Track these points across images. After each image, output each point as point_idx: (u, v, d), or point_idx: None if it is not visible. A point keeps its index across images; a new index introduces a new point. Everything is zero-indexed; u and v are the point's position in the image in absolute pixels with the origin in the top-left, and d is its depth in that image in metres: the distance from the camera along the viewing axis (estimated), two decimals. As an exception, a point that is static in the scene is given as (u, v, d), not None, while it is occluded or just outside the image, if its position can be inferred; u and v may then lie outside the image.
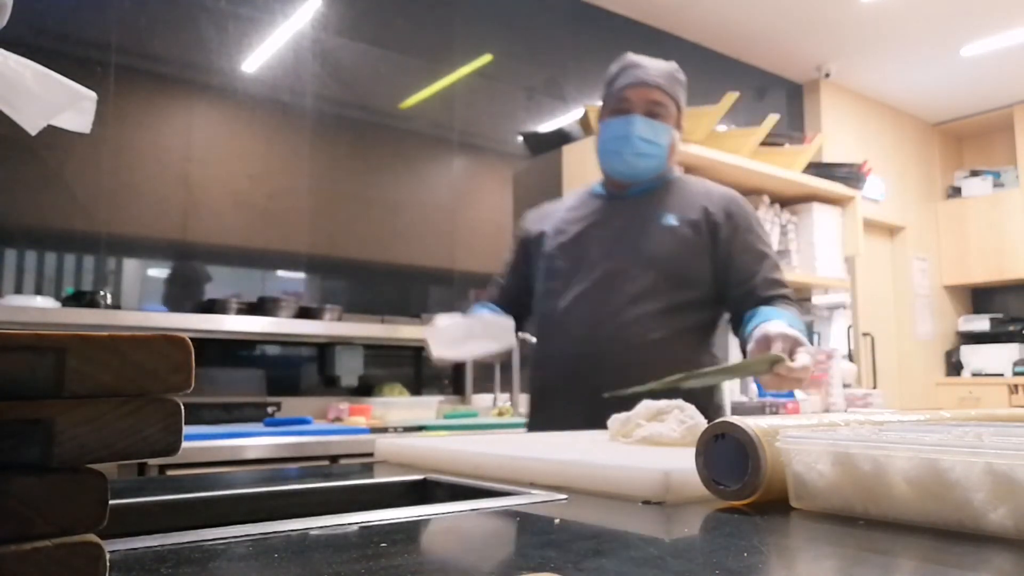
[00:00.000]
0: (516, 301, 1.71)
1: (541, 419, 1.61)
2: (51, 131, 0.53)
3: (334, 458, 2.09)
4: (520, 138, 3.70)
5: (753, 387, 3.30)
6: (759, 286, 1.56)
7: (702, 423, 0.95)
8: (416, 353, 3.17)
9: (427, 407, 2.87)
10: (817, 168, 3.99)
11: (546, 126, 3.81)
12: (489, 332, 1.52)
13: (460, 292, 3.34)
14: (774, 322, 1.37)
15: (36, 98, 0.50)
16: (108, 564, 0.29)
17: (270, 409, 2.52)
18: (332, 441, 2.12)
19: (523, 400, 2.90)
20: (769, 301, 1.53)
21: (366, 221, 3.13)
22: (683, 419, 0.92)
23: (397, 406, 2.77)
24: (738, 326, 1.54)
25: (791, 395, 2.73)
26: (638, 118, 1.60)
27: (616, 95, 1.64)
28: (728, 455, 0.58)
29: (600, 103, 1.71)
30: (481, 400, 3.15)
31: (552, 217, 1.72)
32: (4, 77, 0.49)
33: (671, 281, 1.56)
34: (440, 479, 0.77)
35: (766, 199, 3.82)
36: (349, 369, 2.81)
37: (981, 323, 6.00)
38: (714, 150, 3.37)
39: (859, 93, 5.53)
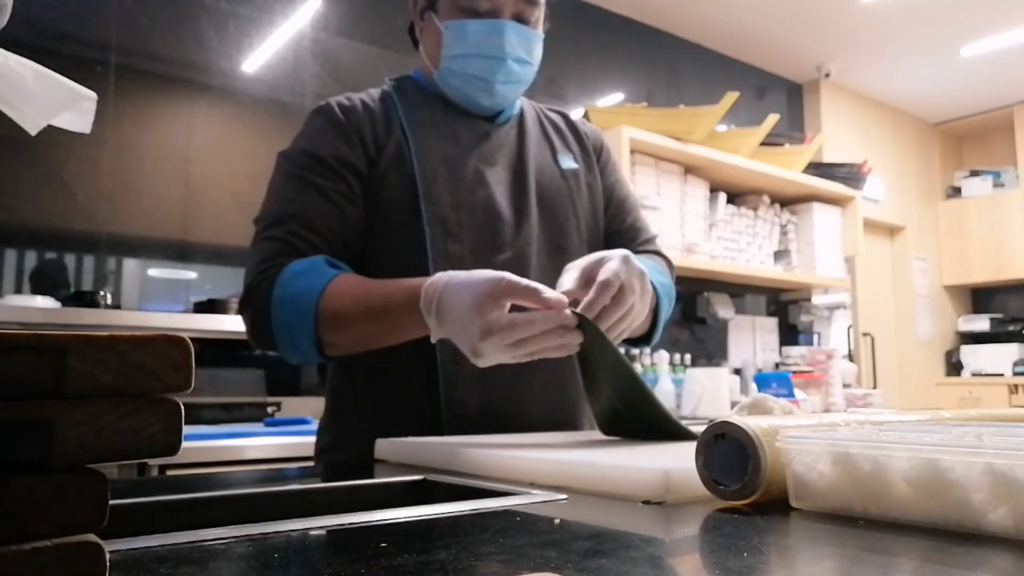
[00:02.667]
0: (346, 252, 1.09)
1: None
2: (51, 131, 0.53)
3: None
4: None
5: (753, 387, 3.30)
6: (635, 241, 1.26)
7: None
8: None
9: (427, 407, 2.86)
10: (817, 168, 3.99)
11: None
12: None
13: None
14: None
15: (36, 98, 0.50)
16: (108, 564, 0.29)
17: (270, 409, 2.52)
18: (332, 441, 2.11)
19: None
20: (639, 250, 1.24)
21: (366, 221, 3.13)
22: None
23: (397, 406, 2.77)
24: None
25: (791, 395, 2.73)
26: (509, 26, 1.11)
27: None
28: (728, 455, 0.58)
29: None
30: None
31: (394, 135, 1.12)
32: (4, 77, 0.49)
33: (589, 248, 1.18)
34: (440, 479, 0.77)
35: (766, 199, 3.82)
36: (349, 369, 2.81)
37: (981, 323, 6.00)
38: (714, 150, 3.37)
39: (859, 93, 5.53)
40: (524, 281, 0.84)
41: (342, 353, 1.03)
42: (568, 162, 1.23)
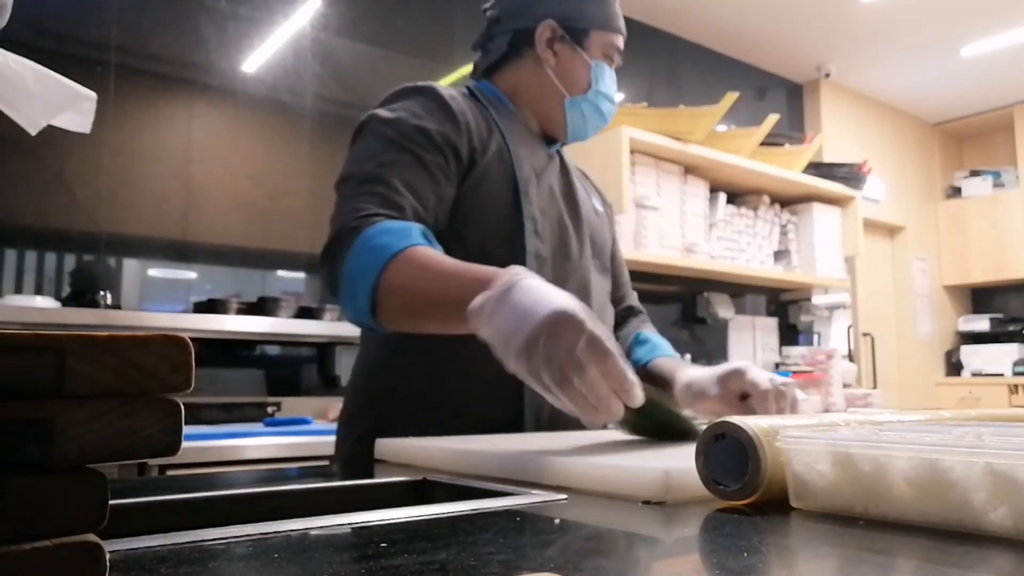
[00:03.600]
0: (436, 227, 1.08)
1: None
2: (51, 131, 0.53)
3: (334, 458, 2.09)
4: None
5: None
6: (628, 296, 1.43)
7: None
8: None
9: (427, 407, 2.86)
10: (817, 168, 3.99)
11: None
12: None
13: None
14: (752, 371, 1.09)
15: (36, 98, 0.50)
16: (108, 564, 0.29)
17: (270, 409, 2.52)
18: (332, 441, 2.11)
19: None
20: (633, 314, 1.42)
21: (366, 221, 3.13)
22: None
23: (397, 406, 2.77)
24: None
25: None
26: (615, 80, 1.29)
27: (613, 30, 1.26)
28: (728, 455, 0.58)
29: (567, 17, 1.25)
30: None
31: (493, 134, 1.18)
32: (4, 77, 0.49)
33: (612, 279, 1.38)
34: (440, 479, 0.77)
35: (766, 199, 3.82)
36: (349, 369, 2.81)
37: (981, 323, 6.00)
38: (714, 150, 3.37)
39: (859, 93, 5.53)
40: (606, 344, 0.75)
41: (392, 321, 0.97)
42: (597, 204, 1.36)
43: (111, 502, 0.29)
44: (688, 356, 3.44)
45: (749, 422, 0.58)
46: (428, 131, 1.09)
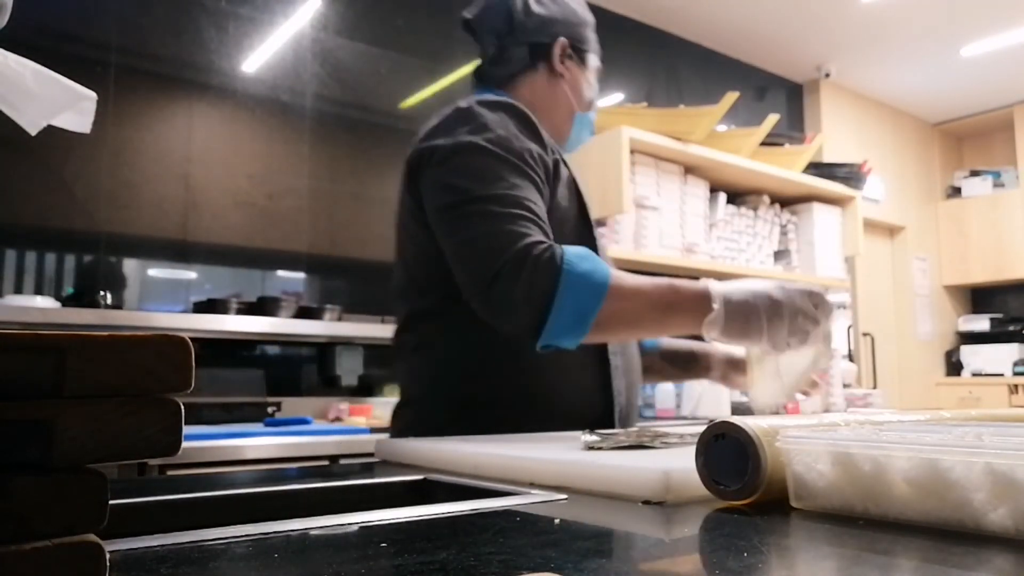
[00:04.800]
0: None
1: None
2: (51, 131, 0.53)
3: (334, 458, 2.09)
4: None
5: (753, 387, 3.30)
6: None
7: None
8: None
9: (427, 407, 2.86)
10: (817, 168, 3.98)
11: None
12: None
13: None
14: None
15: (36, 98, 0.50)
16: (108, 564, 0.29)
17: (270, 409, 2.52)
18: (332, 441, 2.12)
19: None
20: None
21: (366, 221, 3.13)
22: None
23: (397, 406, 2.77)
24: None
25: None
26: None
27: (600, 58, 1.40)
28: (728, 455, 0.58)
29: (575, 38, 1.34)
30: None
31: (552, 149, 1.26)
32: (4, 77, 0.49)
33: None
34: (440, 479, 0.77)
35: (766, 199, 3.82)
36: (349, 369, 2.81)
37: (981, 323, 6.00)
38: (714, 150, 3.37)
39: (859, 93, 5.53)
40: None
41: (607, 333, 1.07)
42: None
43: (111, 502, 0.29)
44: (688, 356, 3.43)
45: (749, 422, 0.58)
46: (530, 151, 1.15)
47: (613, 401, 1.20)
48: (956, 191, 6.13)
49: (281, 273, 2.97)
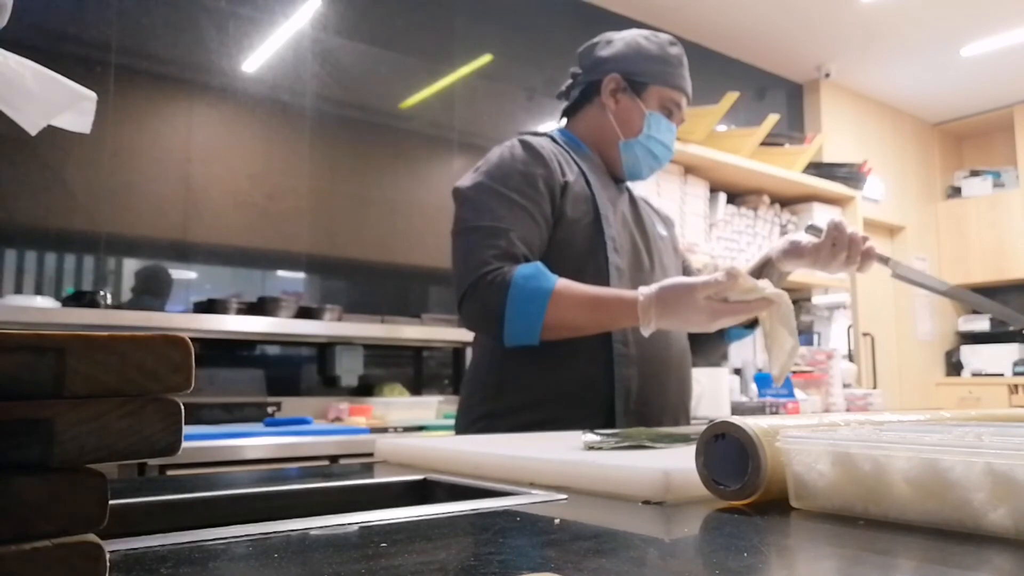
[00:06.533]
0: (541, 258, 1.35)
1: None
2: (51, 131, 0.53)
3: (334, 458, 2.09)
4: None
5: (753, 387, 3.30)
6: None
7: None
8: (416, 353, 3.17)
9: (427, 407, 2.87)
10: (817, 168, 3.99)
11: (546, 126, 3.81)
12: None
13: (460, 292, 3.34)
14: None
15: (36, 98, 0.50)
16: (108, 564, 0.29)
17: (270, 409, 2.52)
18: (332, 441, 2.12)
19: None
20: None
21: (366, 221, 3.13)
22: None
23: (397, 406, 2.78)
24: (697, 339, 1.56)
25: (791, 395, 2.73)
26: (674, 130, 1.50)
27: (674, 87, 1.47)
28: (728, 455, 0.58)
29: (631, 72, 1.47)
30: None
31: (575, 171, 1.42)
32: (4, 77, 0.49)
33: None
34: (440, 479, 0.77)
35: (766, 199, 3.82)
36: (349, 369, 2.81)
37: (981, 323, 6.00)
38: (714, 150, 3.37)
39: (859, 93, 5.53)
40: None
41: (555, 337, 1.27)
42: (661, 230, 1.58)
43: (111, 502, 0.29)
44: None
45: (749, 422, 0.58)
46: (534, 177, 1.34)
47: (615, 386, 1.32)
48: (956, 191, 6.13)
49: (281, 273, 2.97)
